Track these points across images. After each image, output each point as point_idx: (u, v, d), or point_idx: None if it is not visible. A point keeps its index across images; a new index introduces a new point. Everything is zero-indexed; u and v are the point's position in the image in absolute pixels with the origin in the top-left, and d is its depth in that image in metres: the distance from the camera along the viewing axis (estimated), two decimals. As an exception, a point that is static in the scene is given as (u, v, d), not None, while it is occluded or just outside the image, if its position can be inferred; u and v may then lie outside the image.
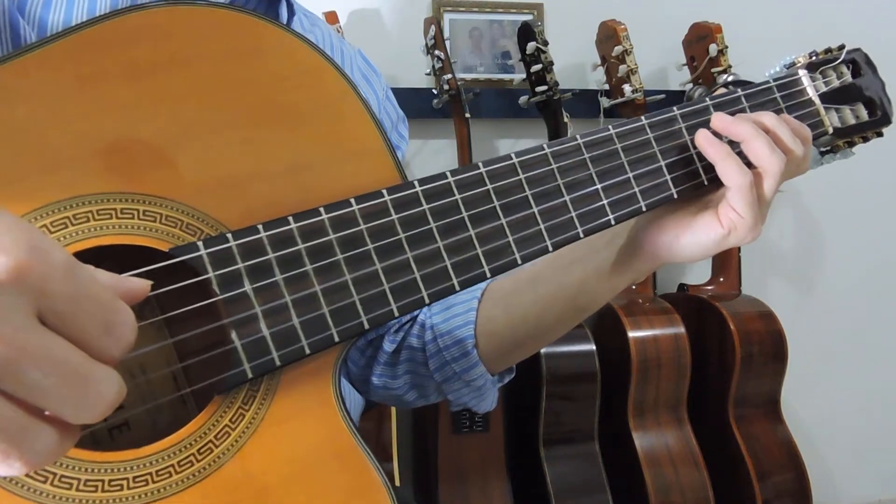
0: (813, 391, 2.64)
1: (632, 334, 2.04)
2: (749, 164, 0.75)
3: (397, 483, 1.96)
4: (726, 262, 2.28)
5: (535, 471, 2.05)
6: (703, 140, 0.76)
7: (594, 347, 2.05)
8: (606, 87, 2.21)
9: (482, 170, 0.67)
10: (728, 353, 2.12)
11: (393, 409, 1.99)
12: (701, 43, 2.16)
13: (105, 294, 0.38)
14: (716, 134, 0.77)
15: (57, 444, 0.37)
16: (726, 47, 2.13)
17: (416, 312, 0.97)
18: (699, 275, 2.38)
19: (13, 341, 0.34)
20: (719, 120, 0.77)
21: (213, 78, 0.60)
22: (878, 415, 2.77)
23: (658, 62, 2.44)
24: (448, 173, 0.66)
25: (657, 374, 2.06)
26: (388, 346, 0.97)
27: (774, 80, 0.86)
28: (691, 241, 0.77)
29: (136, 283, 0.43)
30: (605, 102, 2.23)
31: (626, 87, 2.09)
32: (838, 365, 2.73)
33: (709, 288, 2.30)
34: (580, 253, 0.85)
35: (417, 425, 2.25)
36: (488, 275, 0.66)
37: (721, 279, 2.29)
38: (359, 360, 1.01)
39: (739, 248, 2.25)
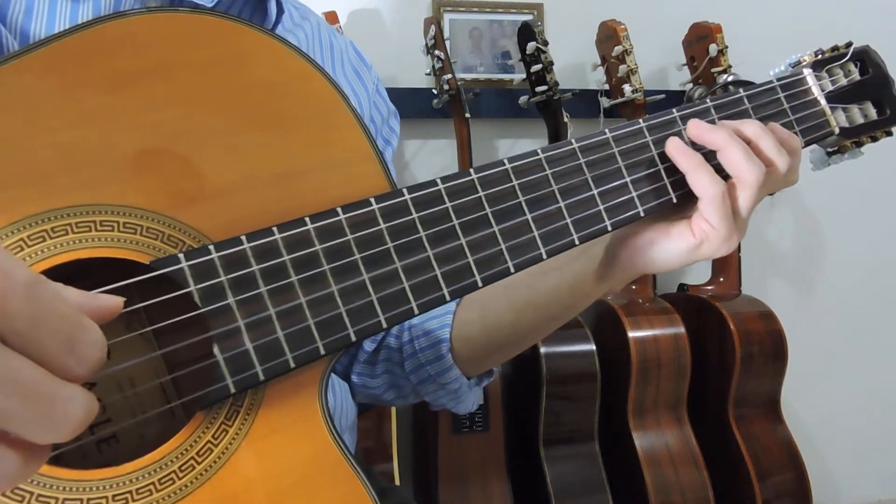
0: (813, 391, 2.64)
1: (632, 334, 2.04)
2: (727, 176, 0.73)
3: (397, 483, 1.96)
4: (726, 262, 2.27)
5: (535, 471, 2.05)
6: (674, 149, 0.74)
7: (594, 347, 2.05)
8: (606, 87, 2.20)
9: (474, 176, 0.66)
10: (728, 353, 2.11)
11: (393, 409, 1.99)
12: (701, 43, 2.15)
13: (69, 312, 0.37)
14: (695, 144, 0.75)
15: (22, 466, 0.36)
16: (726, 47, 2.12)
17: None
18: (699, 275, 2.37)
19: None
20: (694, 127, 0.75)
21: (197, 86, 0.59)
22: (878, 415, 2.77)
23: (658, 62, 2.43)
24: (438, 180, 0.64)
25: (657, 374, 2.06)
26: (369, 345, 0.97)
27: (778, 79, 0.84)
28: (664, 249, 0.75)
29: (106, 301, 0.42)
30: (605, 102, 2.22)
31: (626, 87, 2.09)
32: (838, 365, 2.72)
33: (709, 288, 2.29)
34: (557, 262, 0.82)
35: (417, 425, 2.25)
36: (480, 284, 0.65)
37: (721, 279, 2.29)
38: (342, 358, 1.01)
39: (739, 248, 2.24)
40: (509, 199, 0.67)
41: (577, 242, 0.70)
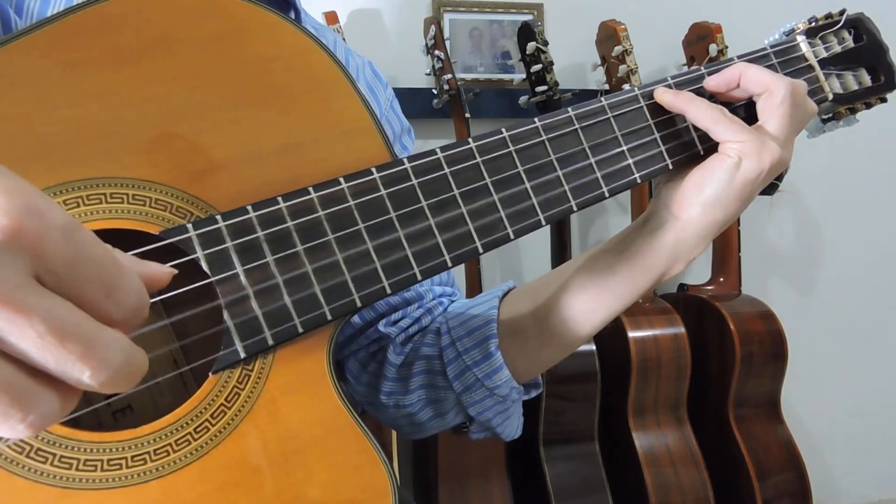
0: (813, 391, 2.64)
1: (632, 334, 2.03)
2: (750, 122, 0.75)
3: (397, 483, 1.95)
4: (726, 262, 2.27)
5: (535, 471, 2.05)
6: (662, 93, 0.76)
7: (594, 347, 2.05)
8: (606, 87, 2.20)
9: (472, 145, 0.67)
10: (728, 353, 2.11)
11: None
12: (701, 43, 2.16)
13: (106, 257, 0.37)
14: (715, 99, 0.77)
15: (59, 408, 0.35)
16: (726, 47, 2.12)
17: (425, 322, 0.94)
18: (699, 275, 2.37)
19: (9, 300, 0.33)
20: (713, 77, 0.78)
21: (199, 61, 0.60)
22: (878, 415, 2.77)
23: (658, 62, 2.43)
24: (438, 149, 0.66)
25: (657, 374, 2.05)
26: (395, 357, 0.92)
27: (772, 46, 0.85)
28: (712, 180, 0.74)
29: (155, 269, 0.42)
30: (605, 102, 2.22)
31: (626, 87, 2.08)
32: (838, 365, 2.73)
33: (709, 288, 2.29)
34: (613, 242, 0.82)
35: (417, 425, 2.24)
36: (480, 250, 0.66)
37: (721, 279, 2.28)
38: (360, 374, 0.96)
39: (739, 248, 2.25)
40: (507, 167, 0.69)
41: (574, 209, 0.71)
